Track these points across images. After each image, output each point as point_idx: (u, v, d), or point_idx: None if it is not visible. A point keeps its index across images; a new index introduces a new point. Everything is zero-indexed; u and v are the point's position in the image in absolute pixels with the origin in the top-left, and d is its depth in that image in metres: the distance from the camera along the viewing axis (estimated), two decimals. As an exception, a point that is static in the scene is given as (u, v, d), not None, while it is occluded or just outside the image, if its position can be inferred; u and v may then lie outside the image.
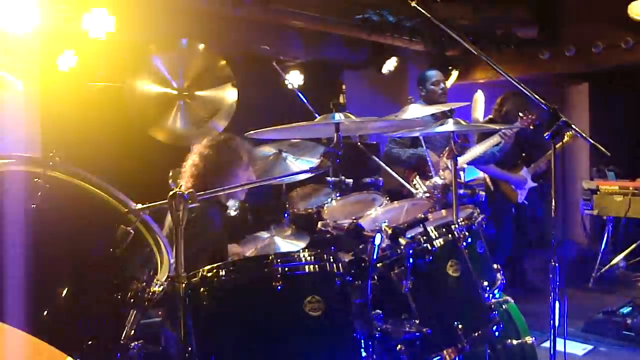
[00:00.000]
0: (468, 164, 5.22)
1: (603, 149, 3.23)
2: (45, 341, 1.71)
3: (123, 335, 1.91)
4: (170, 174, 3.51)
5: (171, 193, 1.86)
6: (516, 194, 5.75)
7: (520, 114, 5.17)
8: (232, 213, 4.53)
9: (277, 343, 1.90)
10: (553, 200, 2.89)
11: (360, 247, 2.09)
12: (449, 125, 2.85)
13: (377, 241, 2.00)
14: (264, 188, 4.89)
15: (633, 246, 6.21)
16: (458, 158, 4.61)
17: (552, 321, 2.79)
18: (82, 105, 4.55)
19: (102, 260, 1.92)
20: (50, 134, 4.25)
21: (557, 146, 5.60)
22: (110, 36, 4.23)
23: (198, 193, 1.88)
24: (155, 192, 2.30)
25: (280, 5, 5.22)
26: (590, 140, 2.97)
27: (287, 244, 3.68)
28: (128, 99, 3.92)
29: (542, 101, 2.72)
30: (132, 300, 1.92)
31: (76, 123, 4.44)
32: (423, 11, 2.86)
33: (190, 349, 1.90)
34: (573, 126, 2.79)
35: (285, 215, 4.07)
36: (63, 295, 1.83)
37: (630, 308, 5.10)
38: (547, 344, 2.81)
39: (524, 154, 5.82)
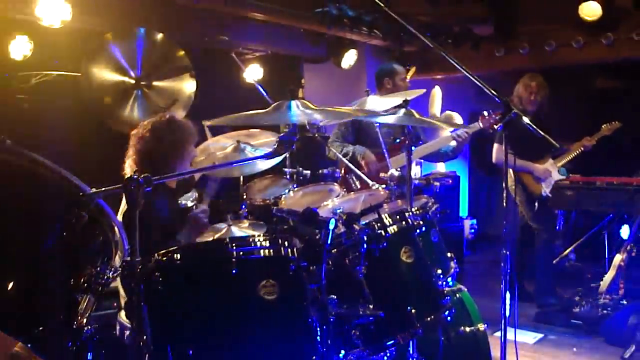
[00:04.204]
0: (423, 159, 5.25)
1: (552, 141, 3.34)
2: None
3: (76, 321, 1.90)
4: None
5: (126, 177, 1.85)
6: (539, 187, 5.46)
7: (485, 113, 4.72)
8: (190, 204, 4.51)
9: (232, 327, 1.92)
10: (504, 192, 2.98)
11: (315, 232, 2.11)
12: (402, 118, 2.89)
13: (332, 226, 2.03)
14: (222, 179, 4.88)
15: (582, 239, 6.41)
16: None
17: (502, 309, 2.88)
18: (37, 94, 4.46)
19: (55, 245, 1.90)
20: (2, 122, 4.15)
21: (595, 138, 5.63)
22: (66, 24, 4.16)
23: (154, 177, 1.88)
24: (113, 180, 2.28)
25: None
26: (541, 132, 3.06)
27: (244, 234, 3.68)
28: (84, 87, 3.87)
29: (495, 94, 2.79)
30: (85, 285, 1.91)
31: (30, 111, 4.36)
32: (382, 5, 2.91)
33: (145, 334, 1.90)
34: (524, 118, 2.87)
35: (243, 206, 4.08)
36: (14, 280, 1.80)
37: (578, 298, 5.28)
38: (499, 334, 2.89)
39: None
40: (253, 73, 5.78)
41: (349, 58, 6.40)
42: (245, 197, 4.17)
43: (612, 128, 5.72)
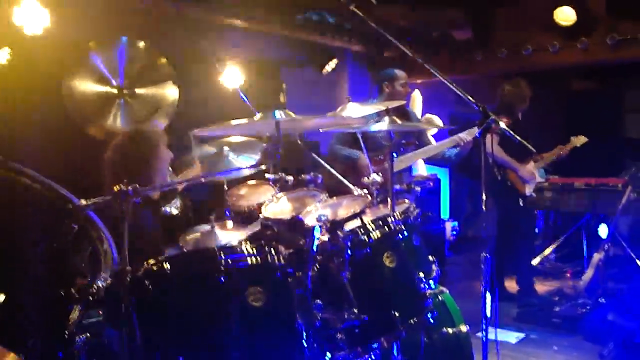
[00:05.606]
0: (428, 162, 5.26)
1: (529, 145, 3.43)
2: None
3: (67, 331, 1.93)
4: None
5: (115, 189, 1.90)
6: (524, 186, 5.57)
7: None
8: (174, 212, 4.53)
9: (221, 333, 1.96)
10: (483, 195, 3.05)
11: (300, 239, 2.16)
12: (384, 124, 2.95)
13: (317, 233, 2.09)
14: (206, 186, 4.90)
15: (561, 239, 6.53)
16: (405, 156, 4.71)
17: (482, 311, 2.94)
18: (19, 104, 4.45)
19: (45, 257, 1.93)
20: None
21: (567, 148, 5.80)
22: (47, 32, 4.15)
23: (142, 188, 1.92)
24: (98, 190, 2.31)
25: (220, 4, 5.25)
26: (518, 137, 3.14)
27: (227, 234, 3.69)
28: (66, 98, 3.87)
29: (473, 100, 2.86)
30: (76, 296, 1.94)
31: (12, 122, 4.34)
32: (361, 14, 2.96)
33: (134, 342, 1.93)
34: (501, 124, 2.94)
35: (227, 212, 4.10)
36: (4, 292, 1.83)
37: (559, 297, 5.39)
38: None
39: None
40: (234, 79, 5.80)
41: (330, 65, 6.45)
42: (229, 202, 4.18)
43: (580, 141, 5.85)
